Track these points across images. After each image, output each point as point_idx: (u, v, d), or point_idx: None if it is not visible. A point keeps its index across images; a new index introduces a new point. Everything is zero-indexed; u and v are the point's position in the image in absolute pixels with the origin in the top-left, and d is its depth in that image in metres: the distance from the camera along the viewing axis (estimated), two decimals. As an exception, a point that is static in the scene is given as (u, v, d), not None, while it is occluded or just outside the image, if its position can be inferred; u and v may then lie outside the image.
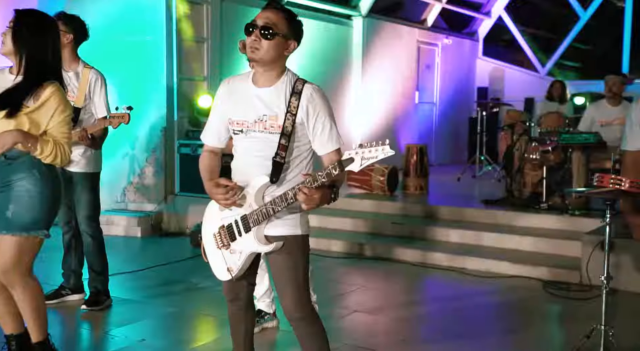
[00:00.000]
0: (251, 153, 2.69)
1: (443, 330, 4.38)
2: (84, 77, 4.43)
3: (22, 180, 3.16)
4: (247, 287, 2.90)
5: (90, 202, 4.59)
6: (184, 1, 7.66)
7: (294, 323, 2.76)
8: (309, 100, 2.63)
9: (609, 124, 7.02)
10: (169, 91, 7.58)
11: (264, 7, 2.67)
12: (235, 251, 2.75)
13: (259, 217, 2.64)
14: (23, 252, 3.18)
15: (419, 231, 6.71)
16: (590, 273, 5.30)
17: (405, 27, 11.62)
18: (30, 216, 3.16)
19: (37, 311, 3.27)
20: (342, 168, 2.43)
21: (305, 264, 2.74)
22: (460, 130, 12.96)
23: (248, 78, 2.74)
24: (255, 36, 2.61)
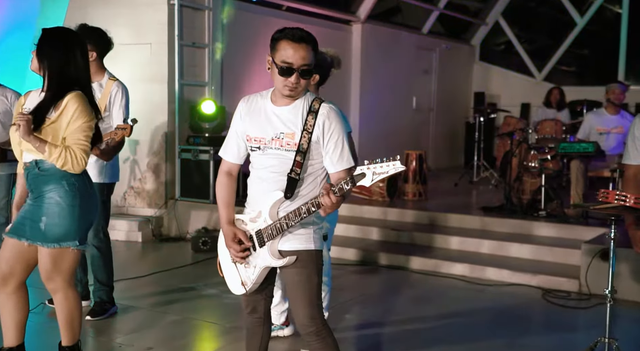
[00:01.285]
0: (267, 169, 2.75)
1: (445, 338, 4.43)
2: (106, 89, 4.48)
3: (52, 191, 3.25)
4: (265, 300, 2.96)
5: (99, 214, 4.59)
6: (186, 7, 7.69)
7: (306, 336, 2.81)
8: (325, 119, 2.70)
9: (608, 132, 7.10)
10: (170, 96, 7.62)
11: (292, 38, 2.64)
12: (249, 265, 2.82)
13: (273, 231, 2.70)
14: (60, 262, 3.29)
15: (419, 238, 6.76)
16: (589, 282, 5.38)
17: (403, 32, 11.68)
18: (61, 228, 3.25)
19: (72, 318, 3.41)
20: (354, 183, 2.50)
21: (317, 279, 2.79)
22: (457, 136, 13.02)
23: (267, 96, 2.80)
24: (295, 78, 2.64)
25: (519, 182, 7.33)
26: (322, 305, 2.84)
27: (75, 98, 3.21)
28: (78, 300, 3.43)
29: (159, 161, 7.66)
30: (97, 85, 4.47)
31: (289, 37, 2.64)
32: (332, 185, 2.54)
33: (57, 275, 3.29)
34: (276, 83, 2.70)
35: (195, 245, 6.86)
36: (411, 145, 11.40)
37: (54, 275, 3.29)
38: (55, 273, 3.28)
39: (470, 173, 10.23)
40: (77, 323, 3.44)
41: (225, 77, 8.24)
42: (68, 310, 3.38)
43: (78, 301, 3.43)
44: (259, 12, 8.80)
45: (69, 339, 3.44)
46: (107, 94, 4.47)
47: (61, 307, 3.37)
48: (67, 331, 3.42)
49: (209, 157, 7.34)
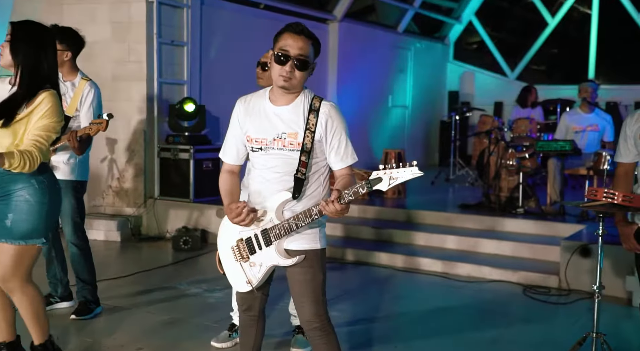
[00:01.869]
0: (270, 169, 2.76)
1: (428, 335, 4.48)
2: (78, 88, 4.46)
3: (21, 190, 3.21)
4: (262, 298, 2.98)
5: (75, 211, 4.56)
6: (165, 5, 7.64)
7: (310, 332, 2.84)
8: (327, 117, 2.72)
9: (583, 130, 7.23)
10: (149, 95, 7.56)
11: (293, 30, 2.68)
12: (255, 264, 2.83)
13: (281, 231, 2.72)
14: (22, 260, 3.25)
15: (399, 236, 6.82)
16: (568, 278, 5.49)
17: (379, 31, 11.75)
18: (28, 225, 3.22)
19: (37, 315, 3.35)
20: (371, 187, 2.52)
21: (323, 276, 2.83)
22: (432, 134, 13.14)
23: (265, 96, 2.81)
24: (290, 67, 2.66)
25: (497, 180, 7.43)
26: (326, 302, 2.87)
27: (50, 97, 3.18)
28: (38, 295, 3.36)
29: (138, 160, 7.60)
30: (70, 85, 4.47)
31: (290, 29, 2.70)
32: (347, 190, 2.54)
33: (15, 274, 3.23)
34: (273, 74, 2.71)
35: (176, 244, 6.83)
36: (387, 143, 11.50)
37: (13, 273, 3.23)
38: (14, 271, 3.23)
39: (447, 172, 10.34)
40: (43, 318, 3.39)
41: (204, 75, 8.21)
42: (30, 306, 3.31)
43: (38, 295, 3.36)
44: (236, 10, 8.78)
45: (39, 336, 3.39)
46: (80, 93, 4.44)
47: (22, 305, 3.31)
48: (35, 328, 3.36)
49: (189, 156, 7.31)
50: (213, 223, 7.14)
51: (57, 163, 4.43)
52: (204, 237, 7.11)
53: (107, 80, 7.44)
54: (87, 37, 7.53)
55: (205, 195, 7.41)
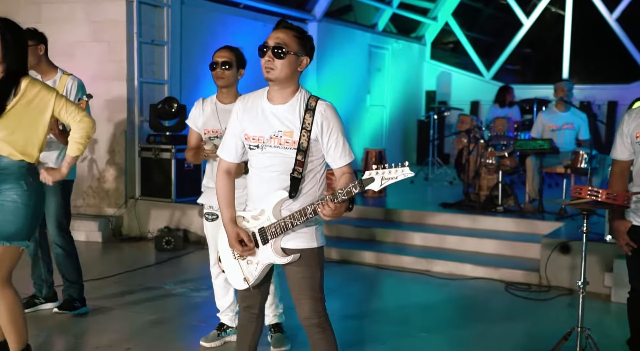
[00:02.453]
0: (268, 168, 2.80)
1: (412, 332, 4.55)
2: (61, 83, 4.44)
3: (9, 190, 3.20)
4: (261, 296, 3.01)
5: (60, 212, 4.55)
6: (145, 4, 7.61)
7: (308, 328, 2.88)
8: (323, 117, 2.76)
9: (559, 128, 7.36)
10: (129, 94, 7.53)
11: (275, 27, 2.78)
12: (252, 262, 2.87)
13: (277, 229, 2.76)
14: (2, 261, 3.21)
15: (381, 234, 6.88)
16: (549, 275, 5.60)
17: (357, 31, 11.81)
18: (14, 226, 3.20)
19: (14, 321, 3.28)
20: (363, 187, 2.57)
21: (320, 274, 2.88)
22: (410, 133, 13.25)
23: (263, 95, 2.85)
24: (268, 56, 2.72)
25: (477, 179, 7.53)
26: (324, 299, 2.91)
27: (32, 81, 3.23)
28: (18, 299, 3.30)
29: (119, 160, 7.56)
30: (51, 82, 4.44)
31: (274, 27, 2.79)
32: (340, 189, 2.60)
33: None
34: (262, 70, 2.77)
35: (158, 245, 6.81)
36: (366, 143, 11.58)
37: None
38: None
39: (426, 171, 10.43)
40: (21, 325, 3.30)
41: (184, 74, 8.19)
42: (7, 311, 3.25)
43: (18, 299, 3.31)
44: (216, 9, 8.77)
45: (16, 343, 3.29)
46: (62, 88, 4.43)
47: (0, 308, 3.24)
48: (12, 334, 3.27)
49: (171, 155, 7.29)
50: (195, 223, 7.13)
51: (46, 162, 4.40)
52: (186, 237, 7.10)
53: (87, 80, 7.30)
54: (66, 36, 7.55)
55: (187, 194, 7.39)
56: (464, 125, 9.25)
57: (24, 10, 7.71)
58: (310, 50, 2.81)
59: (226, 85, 3.88)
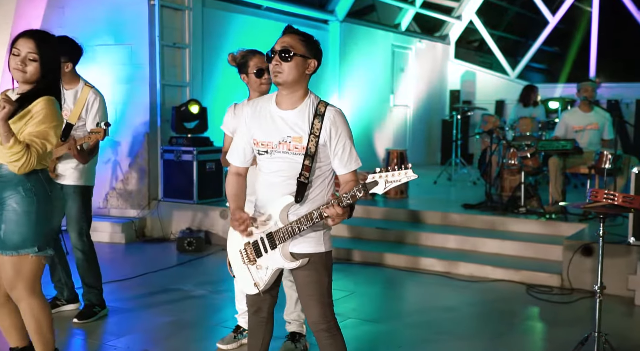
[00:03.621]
0: (276, 173, 2.80)
1: (432, 334, 4.52)
2: (82, 95, 4.47)
3: (9, 198, 3.17)
4: (270, 300, 3.02)
5: (81, 216, 4.59)
6: (166, 7, 7.68)
7: (317, 333, 2.88)
8: (331, 123, 2.75)
9: (583, 129, 7.25)
10: (152, 97, 7.60)
11: (284, 32, 2.81)
12: (261, 267, 2.88)
13: (285, 234, 2.77)
14: (20, 270, 3.20)
15: (403, 236, 6.85)
16: (571, 277, 5.52)
17: (380, 31, 11.78)
18: (18, 236, 3.16)
19: (40, 329, 3.29)
20: (367, 190, 2.58)
21: (328, 278, 2.88)
22: (434, 133, 13.17)
23: (271, 100, 2.85)
24: (276, 61, 2.74)
25: (499, 180, 7.46)
26: (332, 304, 2.91)
27: (47, 102, 3.14)
28: (45, 308, 3.31)
29: (141, 162, 7.64)
30: (72, 93, 4.46)
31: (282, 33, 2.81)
32: (345, 193, 2.60)
33: (19, 283, 3.20)
34: None
35: (180, 246, 6.87)
36: (389, 143, 11.54)
37: (16, 283, 3.20)
38: (17, 281, 3.19)
39: (449, 171, 10.37)
40: (47, 333, 3.32)
41: (205, 77, 8.24)
42: (34, 319, 3.26)
43: (45, 309, 3.31)
44: (238, 12, 8.81)
45: (43, 349, 3.32)
46: (84, 101, 4.45)
47: (25, 316, 3.27)
48: (38, 342, 3.30)
49: (192, 157, 7.34)
50: (217, 224, 7.18)
51: (64, 170, 4.46)
52: (207, 238, 7.15)
53: (109, 83, 7.49)
54: (89, 40, 7.62)
55: (209, 196, 7.45)
56: (487, 125, 9.15)
57: (48, 13, 7.82)
58: (318, 53, 2.81)
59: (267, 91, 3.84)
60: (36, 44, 3.16)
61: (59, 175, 4.45)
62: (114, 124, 7.51)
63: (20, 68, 3.16)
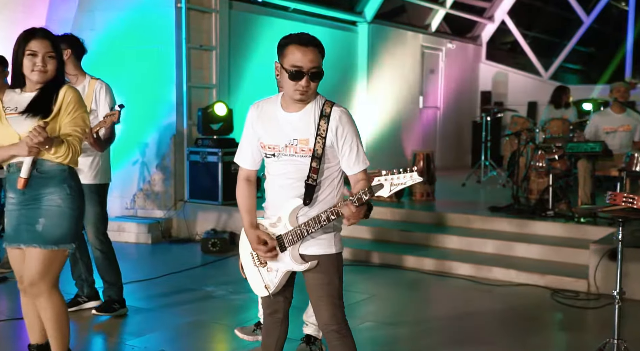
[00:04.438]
0: (284, 175, 2.79)
1: (454, 338, 4.46)
2: (90, 88, 4.55)
3: (52, 194, 3.24)
4: (285, 302, 3.01)
5: (97, 215, 4.63)
6: (193, 10, 7.74)
7: (327, 334, 2.86)
8: (337, 123, 2.72)
9: (615, 131, 7.10)
10: (178, 99, 7.66)
11: (300, 43, 2.68)
12: (272, 269, 2.88)
13: (294, 237, 2.76)
14: (51, 264, 3.27)
15: (427, 238, 6.78)
16: (598, 282, 5.39)
17: (409, 32, 11.70)
18: (61, 230, 3.25)
19: (59, 324, 3.33)
20: (372, 193, 2.56)
21: (339, 280, 2.86)
22: (464, 135, 13.03)
23: (277, 102, 2.82)
24: (306, 82, 2.67)
25: (527, 182, 7.34)
26: (343, 305, 2.89)
27: (71, 90, 3.27)
28: (64, 304, 3.36)
29: (168, 163, 7.71)
30: (81, 88, 4.50)
31: (296, 41, 2.68)
32: (351, 197, 2.60)
33: (44, 278, 3.25)
34: (286, 88, 2.72)
35: (204, 247, 6.91)
36: (418, 144, 11.45)
37: (42, 278, 3.24)
38: (43, 275, 3.24)
39: (478, 173, 10.24)
40: (65, 328, 3.35)
41: (232, 79, 8.28)
42: (55, 315, 3.30)
43: (64, 304, 3.36)
44: (265, 13, 8.84)
45: (59, 347, 3.35)
46: (91, 93, 4.53)
47: (46, 312, 3.30)
48: (56, 338, 3.33)
49: (218, 158, 7.38)
50: (241, 225, 7.18)
51: (82, 166, 4.51)
52: (232, 239, 7.17)
53: (136, 85, 7.58)
54: (118, 42, 7.74)
55: (234, 197, 7.30)
56: (516, 126, 9.03)
57: (79, 17, 7.96)
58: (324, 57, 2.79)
59: None
60: (51, 43, 3.28)
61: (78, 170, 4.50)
62: (141, 126, 7.62)
63: (42, 68, 3.24)
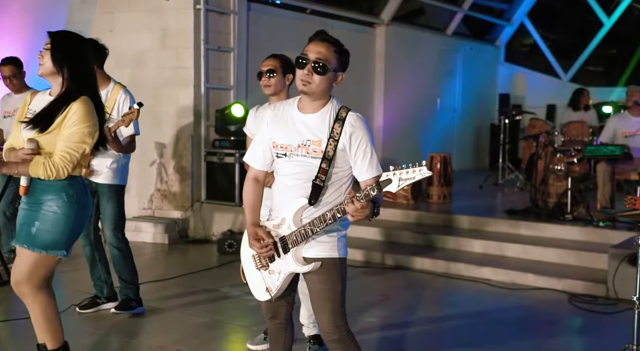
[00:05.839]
0: (292, 176, 2.78)
1: (469, 342, 4.44)
2: (112, 95, 4.58)
3: (50, 201, 3.23)
4: (286, 306, 2.98)
5: (115, 215, 4.68)
6: (212, 12, 7.77)
7: (329, 344, 2.83)
8: (352, 128, 2.72)
9: (633, 135, 7.02)
10: (196, 100, 7.70)
11: (315, 37, 2.74)
12: (274, 272, 2.84)
13: (297, 238, 2.73)
14: (38, 267, 3.27)
15: (443, 241, 6.75)
16: (617, 287, 5.34)
17: (427, 34, 11.67)
18: (52, 236, 3.23)
19: (49, 321, 3.35)
20: (380, 189, 2.53)
21: (342, 287, 2.80)
22: (482, 137, 12.97)
23: (294, 104, 2.83)
24: (307, 70, 2.69)
25: (545, 185, 7.29)
26: (345, 313, 2.84)
27: (80, 103, 3.20)
28: (52, 301, 3.36)
29: (185, 164, 7.75)
30: (104, 93, 4.52)
31: (314, 37, 2.76)
32: (358, 192, 2.58)
33: (29, 280, 3.23)
34: (296, 80, 2.76)
35: (221, 247, 6.93)
36: (435, 147, 11.39)
37: (26, 279, 3.25)
38: (29, 277, 3.25)
39: (496, 176, 10.18)
40: (55, 324, 3.36)
41: (250, 80, 8.30)
42: (41, 312, 3.31)
43: (52, 302, 3.36)
44: (283, 15, 8.86)
45: (53, 342, 3.36)
46: (114, 100, 4.56)
47: (33, 311, 3.32)
48: (48, 333, 3.34)
49: (235, 160, 7.41)
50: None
51: (100, 167, 4.56)
52: (248, 240, 7.18)
53: (155, 86, 7.63)
54: (137, 44, 7.79)
55: (250, 199, 7.47)
56: (535, 129, 8.97)
57: (98, 19, 8.03)
58: (346, 65, 2.78)
59: (273, 93, 3.90)
60: (51, 37, 3.27)
61: (93, 172, 4.54)
62: (159, 126, 7.66)
63: (40, 61, 3.26)
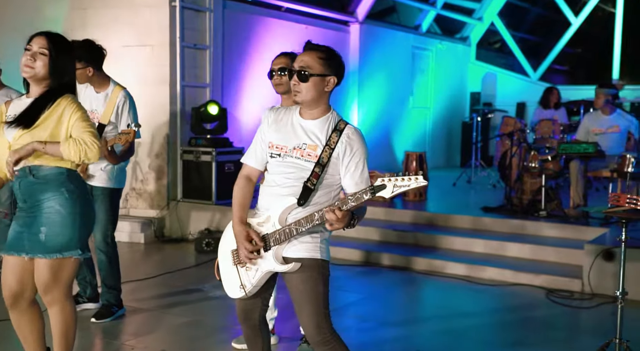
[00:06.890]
0: (282, 175, 2.80)
1: (448, 338, 4.49)
2: (112, 97, 4.51)
3: (50, 200, 3.13)
4: (260, 308, 2.96)
5: (106, 219, 4.60)
6: (188, 9, 7.71)
7: (314, 346, 2.82)
8: (349, 139, 2.77)
9: (604, 133, 7.17)
10: (172, 98, 7.63)
11: (303, 48, 2.83)
12: (251, 268, 2.83)
13: (281, 236, 2.74)
14: (60, 272, 3.17)
15: (420, 238, 6.81)
16: (592, 282, 5.45)
17: (400, 32, 11.74)
18: (63, 237, 3.14)
19: (66, 334, 3.28)
20: (374, 193, 2.55)
21: (323, 288, 2.79)
22: (454, 135, 13.10)
23: (296, 110, 2.88)
24: (294, 80, 2.77)
25: (519, 182, 7.40)
26: (329, 314, 2.82)
27: (71, 101, 3.16)
28: (75, 312, 3.31)
29: (161, 162, 7.68)
30: (103, 95, 4.50)
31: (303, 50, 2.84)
32: (350, 196, 2.59)
33: (56, 287, 3.17)
34: None
35: (198, 246, 6.89)
36: (409, 145, 11.49)
37: (53, 286, 3.17)
38: (54, 284, 3.16)
39: (468, 173, 10.30)
40: (71, 336, 3.32)
41: (225, 78, 8.26)
42: (64, 323, 3.25)
43: (75, 313, 3.31)
44: (258, 13, 8.83)
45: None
46: (114, 103, 4.49)
47: (57, 319, 3.24)
48: (61, 344, 3.28)
49: (211, 158, 7.37)
50: (235, 225, 7.18)
51: (94, 171, 4.49)
52: (226, 239, 7.15)
53: (130, 84, 7.48)
54: (110, 41, 7.67)
55: (227, 197, 7.43)
56: (507, 127, 9.09)
57: (70, 15, 7.90)
58: (339, 69, 2.81)
59: (285, 91, 3.85)
60: (48, 40, 3.16)
61: (89, 176, 4.48)
62: (135, 125, 7.57)
63: (30, 63, 3.13)
